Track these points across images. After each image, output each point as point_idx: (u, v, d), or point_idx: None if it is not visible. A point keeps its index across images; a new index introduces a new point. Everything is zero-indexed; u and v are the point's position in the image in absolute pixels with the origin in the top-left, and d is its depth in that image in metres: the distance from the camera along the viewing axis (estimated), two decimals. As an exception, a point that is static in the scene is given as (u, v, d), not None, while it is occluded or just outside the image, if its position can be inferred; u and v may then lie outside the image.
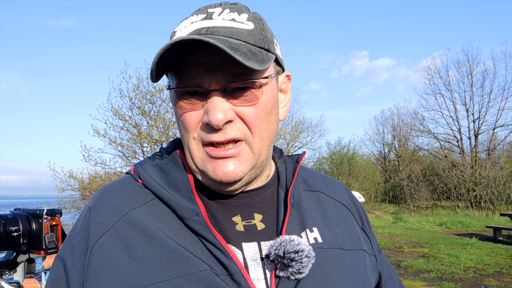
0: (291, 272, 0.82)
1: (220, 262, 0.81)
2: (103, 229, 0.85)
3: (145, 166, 0.94)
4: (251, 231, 0.89)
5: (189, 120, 0.85)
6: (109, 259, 0.81)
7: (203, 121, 0.83)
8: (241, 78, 0.82)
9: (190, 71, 0.82)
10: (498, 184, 21.04)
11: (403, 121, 31.70)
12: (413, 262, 9.11)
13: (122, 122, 12.92)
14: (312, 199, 1.01)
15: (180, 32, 0.86)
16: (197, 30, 0.83)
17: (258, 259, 0.86)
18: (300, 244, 0.84)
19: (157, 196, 0.89)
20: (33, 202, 59.54)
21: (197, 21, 0.85)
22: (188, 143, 0.87)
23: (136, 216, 0.86)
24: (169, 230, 0.84)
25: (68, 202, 14.13)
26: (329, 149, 26.93)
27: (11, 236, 1.80)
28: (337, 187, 1.11)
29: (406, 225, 17.34)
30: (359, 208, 1.11)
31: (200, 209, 0.85)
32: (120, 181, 0.95)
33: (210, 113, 0.81)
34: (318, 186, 1.06)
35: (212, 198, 0.92)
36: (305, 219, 0.95)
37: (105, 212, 0.87)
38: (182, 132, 0.89)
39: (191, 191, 0.88)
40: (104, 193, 0.92)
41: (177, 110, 0.88)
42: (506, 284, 7.17)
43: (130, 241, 0.83)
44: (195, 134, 0.86)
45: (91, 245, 0.84)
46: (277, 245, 0.84)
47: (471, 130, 26.91)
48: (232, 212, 0.91)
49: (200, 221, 0.84)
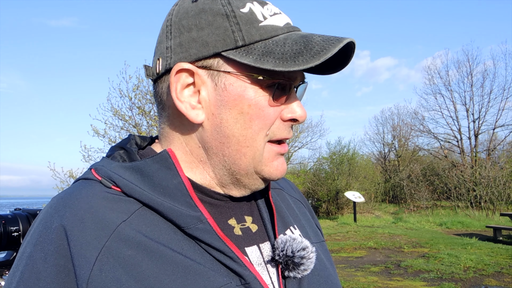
0: (302, 270, 0.81)
1: (233, 271, 0.74)
2: (94, 251, 0.66)
3: (115, 169, 0.77)
4: (248, 234, 0.85)
5: (272, 115, 0.78)
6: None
7: (285, 118, 0.80)
8: (304, 75, 0.84)
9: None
10: (498, 184, 21.03)
11: (403, 121, 31.71)
12: (413, 262, 9.11)
13: (122, 122, 12.92)
14: (278, 197, 1.01)
15: (272, 20, 0.79)
16: (289, 25, 0.81)
17: (262, 263, 0.83)
18: (303, 241, 0.83)
19: (145, 204, 0.74)
20: (33, 202, 59.54)
21: (278, 14, 0.81)
22: (257, 142, 0.78)
23: (128, 230, 0.70)
24: (171, 242, 0.72)
25: (68, 202, 14.13)
26: (329, 149, 26.88)
27: (11, 236, 1.81)
28: (285, 183, 1.12)
29: (406, 225, 17.33)
30: (306, 201, 1.13)
31: (205, 215, 0.75)
32: (85, 188, 0.75)
33: (299, 108, 0.81)
34: (276, 183, 1.05)
35: (205, 201, 0.82)
36: (284, 217, 0.94)
37: (88, 229, 0.68)
38: (250, 130, 0.77)
39: (189, 195, 0.75)
40: (76, 205, 0.71)
41: (255, 104, 0.77)
42: (506, 284, 7.17)
43: (132, 262, 0.67)
44: (268, 131, 0.79)
45: (85, 277, 0.65)
46: (282, 246, 0.82)
47: (471, 130, 26.91)
48: (227, 215, 0.84)
49: (206, 229, 0.74)
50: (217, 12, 0.77)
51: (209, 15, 0.77)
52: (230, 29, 0.76)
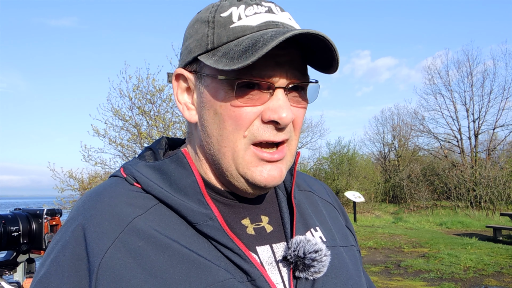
0: (313, 272, 0.82)
1: (240, 268, 0.77)
2: (108, 241, 0.74)
3: (139, 168, 0.85)
4: (261, 234, 0.87)
5: (245, 116, 0.78)
6: (122, 276, 0.71)
7: (265, 119, 0.78)
8: (303, 78, 0.80)
9: (261, 62, 0.75)
10: (498, 184, 21.04)
11: (403, 121, 31.72)
12: (413, 262, 9.11)
13: (122, 122, 12.95)
14: (305, 199, 1.01)
15: (246, 20, 0.79)
16: (269, 23, 0.79)
17: (273, 262, 0.84)
18: (318, 244, 0.83)
19: (161, 201, 0.81)
20: (33, 202, 59.53)
21: (262, 13, 0.80)
22: (233, 143, 0.79)
23: (142, 224, 0.77)
24: (181, 237, 0.77)
25: (68, 202, 14.17)
26: (329, 149, 26.94)
27: (11, 236, 1.80)
28: (320, 186, 1.12)
29: (406, 225, 17.33)
30: (341, 206, 1.13)
31: (214, 213, 0.79)
32: (111, 185, 0.84)
33: (280, 111, 0.76)
34: (306, 186, 1.07)
35: (220, 200, 0.87)
36: (306, 219, 0.95)
37: (105, 221, 0.76)
38: (225, 130, 0.79)
39: (201, 194, 0.80)
40: (97, 200, 0.81)
41: (226, 105, 0.78)
42: (506, 284, 7.17)
43: (141, 253, 0.74)
44: (246, 132, 0.79)
45: (96, 263, 0.72)
46: (295, 246, 0.83)
47: (471, 130, 26.93)
48: (241, 215, 0.87)
49: (215, 226, 0.78)
50: (203, 20, 0.83)
51: (198, 23, 0.84)
52: (205, 34, 0.81)
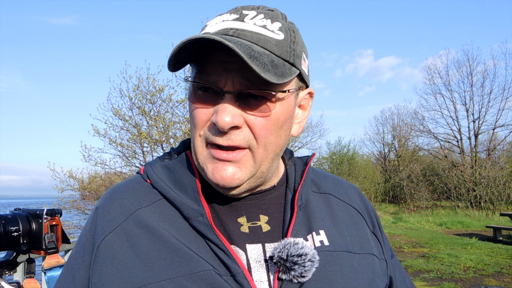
0: (293, 276, 0.82)
1: (223, 263, 0.81)
2: (110, 227, 0.87)
3: (154, 167, 0.95)
4: (256, 232, 0.89)
5: (198, 116, 0.85)
6: (115, 256, 0.83)
7: (211, 121, 0.82)
8: (257, 86, 0.81)
9: (209, 67, 0.82)
10: (498, 184, 21.03)
11: (403, 121, 31.74)
12: (413, 262, 9.11)
13: (122, 122, 12.92)
14: (321, 201, 1.01)
15: (210, 27, 0.86)
16: (225, 30, 0.82)
17: (262, 261, 0.86)
18: (304, 248, 0.83)
19: (164, 196, 0.90)
20: (33, 202, 59.57)
21: (228, 21, 0.85)
22: (194, 139, 0.87)
23: (143, 215, 0.88)
24: (174, 229, 0.85)
25: (68, 202, 14.16)
26: (329, 149, 26.98)
27: (11, 236, 1.80)
28: (348, 190, 1.10)
29: (406, 225, 17.34)
30: (371, 212, 1.09)
31: (205, 210, 0.85)
32: (130, 181, 0.97)
33: (219, 114, 0.79)
34: (328, 189, 1.05)
35: (219, 199, 0.92)
36: (312, 221, 0.94)
37: (113, 211, 0.90)
38: (191, 127, 0.89)
39: (197, 192, 0.88)
40: (113, 192, 0.94)
41: (189, 104, 0.88)
42: (506, 284, 7.17)
43: (136, 239, 0.85)
44: (201, 131, 0.85)
45: (98, 242, 0.86)
46: (281, 247, 0.83)
47: (471, 130, 26.92)
48: (238, 213, 0.91)
49: (204, 222, 0.85)
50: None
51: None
52: None
